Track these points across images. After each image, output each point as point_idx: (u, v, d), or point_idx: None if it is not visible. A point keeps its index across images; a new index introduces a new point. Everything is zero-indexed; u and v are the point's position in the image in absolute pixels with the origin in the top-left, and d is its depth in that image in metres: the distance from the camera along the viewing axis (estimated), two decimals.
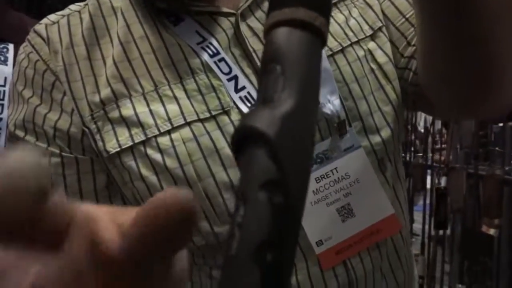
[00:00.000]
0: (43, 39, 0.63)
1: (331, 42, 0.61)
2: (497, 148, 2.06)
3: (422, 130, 2.92)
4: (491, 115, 1.22)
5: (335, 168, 0.58)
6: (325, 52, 0.59)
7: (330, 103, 0.58)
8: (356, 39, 0.62)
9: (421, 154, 2.66)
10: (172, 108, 0.57)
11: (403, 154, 3.13)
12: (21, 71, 0.63)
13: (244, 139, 0.17)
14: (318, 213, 0.57)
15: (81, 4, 0.67)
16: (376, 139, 0.61)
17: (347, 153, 0.58)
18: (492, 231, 1.96)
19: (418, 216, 2.96)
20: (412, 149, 2.91)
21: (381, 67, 0.62)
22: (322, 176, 0.58)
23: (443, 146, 2.64)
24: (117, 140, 0.57)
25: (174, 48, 0.59)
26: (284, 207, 0.16)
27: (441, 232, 2.50)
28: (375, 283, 0.61)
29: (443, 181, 2.29)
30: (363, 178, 0.59)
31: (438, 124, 2.84)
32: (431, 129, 2.54)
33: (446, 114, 0.73)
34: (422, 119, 2.68)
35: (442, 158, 2.59)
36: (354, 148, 0.59)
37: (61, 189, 0.52)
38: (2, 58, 0.90)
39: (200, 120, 0.56)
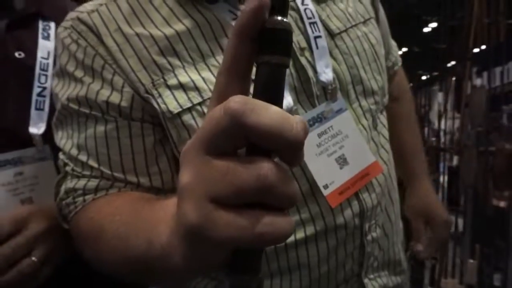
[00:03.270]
0: (88, 27, 0.69)
1: (338, 23, 0.75)
2: (507, 123, 2.13)
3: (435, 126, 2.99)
4: None
5: (331, 126, 0.70)
6: (325, 34, 0.72)
7: (325, 73, 0.70)
8: (354, 23, 0.77)
9: (434, 139, 2.74)
10: None
11: None
12: (71, 54, 0.69)
13: None
14: (322, 162, 0.69)
15: None
16: (372, 100, 0.76)
17: (338, 114, 0.71)
18: (502, 204, 2.04)
19: None
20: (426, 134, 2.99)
21: (373, 46, 0.78)
22: (322, 132, 0.70)
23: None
24: (178, 102, 0.65)
25: (215, 24, 0.67)
26: None
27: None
28: (377, 216, 0.76)
29: (455, 160, 2.37)
30: (350, 134, 0.72)
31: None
32: (444, 114, 2.62)
33: None
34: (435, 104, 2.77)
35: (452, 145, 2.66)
36: (343, 111, 0.72)
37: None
38: (46, 34, 0.98)
39: None
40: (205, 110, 0.64)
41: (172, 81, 0.65)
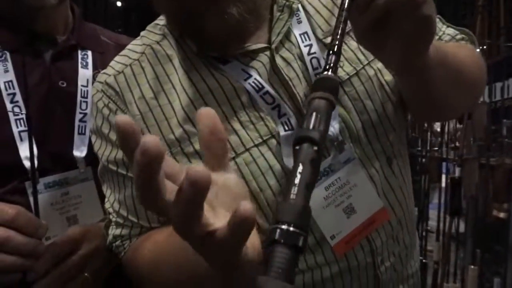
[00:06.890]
0: (116, 91, 0.74)
1: (347, 67, 0.73)
2: (506, 140, 2.24)
3: (438, 129, 3.08)
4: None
5: (338, 178, 0.71)
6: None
7: (332, 126, 0.70)
8: (367, 61, 0.74)
9: (436, 148, 2.83)
10: (234, 139, 0.69)
11: (419, 149, 3.32)
12: (104, 117, 0.74)
13: (299, 140, 0.41)
14: (329, 214, 0.70)
15: (137, 50, 0.77)
16: (385, 141, 0.75)
17: (345, 165, 0.71)
18: (502, 215, 2.15)
19: (432, 214, 3.07)
20: (428, 144, 3.08)
21: (388, 83, 0.75)
22: (330, 185, 0.71)
23: (456, 143, 2.82)
24: None
25: (227, 87, 0.70)
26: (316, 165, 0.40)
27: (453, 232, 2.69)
28: (389, 247, 0.76)
29: (457, 171, 2.48)
30: (359, 182, 0.72)
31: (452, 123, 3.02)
32: (446, 126, 2.72)
33: (417, 119, 0.95)
34: None
35: (456, 153, 2.76)
36: (351, 160, 0.72)
37: None
38: (84, 63, 1.05)
39: (256, 146, 0.69)
40: None
41: (188, 149, 0.69)
